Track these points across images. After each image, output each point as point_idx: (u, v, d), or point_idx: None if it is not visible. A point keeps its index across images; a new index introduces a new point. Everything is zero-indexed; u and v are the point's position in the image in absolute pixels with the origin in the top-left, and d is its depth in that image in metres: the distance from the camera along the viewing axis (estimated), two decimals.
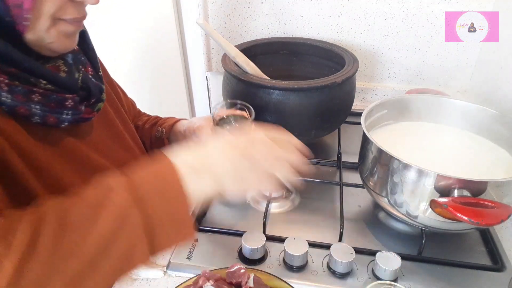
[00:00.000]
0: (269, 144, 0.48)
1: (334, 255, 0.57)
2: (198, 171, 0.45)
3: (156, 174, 0.43)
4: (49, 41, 0.47)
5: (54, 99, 0.48)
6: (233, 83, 0.80)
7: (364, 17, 1.02)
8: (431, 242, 0.62)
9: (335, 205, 0.72)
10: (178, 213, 0.43)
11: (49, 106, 0.48)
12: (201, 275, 0.52)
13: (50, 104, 0.48)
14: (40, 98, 0.47)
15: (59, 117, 0.49)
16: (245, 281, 0.50)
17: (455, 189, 0.53)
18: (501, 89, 0.91)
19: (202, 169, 0.45)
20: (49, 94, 0.48)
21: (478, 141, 0.70)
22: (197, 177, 0.44)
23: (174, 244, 0.44)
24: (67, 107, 0.50)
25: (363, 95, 1.13)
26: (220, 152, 0.47)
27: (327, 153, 0.91)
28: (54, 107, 0.49)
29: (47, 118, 0.48)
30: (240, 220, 0.70)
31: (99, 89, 0.58)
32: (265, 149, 0.47)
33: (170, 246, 0.44)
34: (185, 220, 0.43)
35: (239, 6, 1.07)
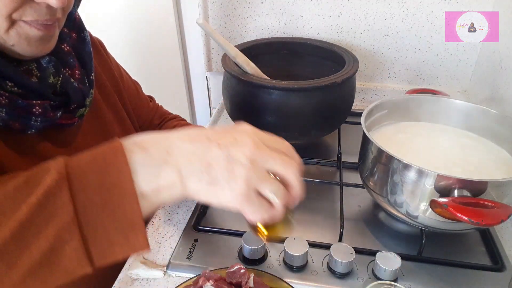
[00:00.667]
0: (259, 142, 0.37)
1: (334, 255, 0.57)
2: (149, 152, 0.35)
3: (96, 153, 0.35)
4: (11, 44, 0.44)
5: (20, 104, 0.45)
6: (233, 83, 0.80)
7: (364, 17, 1.03)
8: (431, 242, 0.62)
9: (335, 205, 0.72)
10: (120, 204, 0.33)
11: (15, 111, 0.45)
12: (201, 275, 0.52)
13: (16, 110, 0.45)
14: (6, 101, 0.44)
15: (26, 123, 0.46)
16: (245, 281, 0.50)
17: (455, 189, 0.53)
18: (501, 89, 0.91)
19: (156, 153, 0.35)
20: (15, 99, 0.44)
21: (478, 141, 0.70)
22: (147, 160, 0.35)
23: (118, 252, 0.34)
24: (35, 113, 0.46)
25: (363, 95, 1.13)
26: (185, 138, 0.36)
27: (327, 153, 0.91)
28: (21, 113, 0.45)
29: (11, 123, 0.45)
30: (240, 220, 0.70)
31: (82, 94, 0.54)
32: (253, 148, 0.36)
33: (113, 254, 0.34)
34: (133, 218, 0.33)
35: (239, 6, 1.07)
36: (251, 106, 0.77)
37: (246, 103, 0.78)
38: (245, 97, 0.78)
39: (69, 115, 0.52)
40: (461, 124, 0.73)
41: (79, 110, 0.54)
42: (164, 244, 0.64)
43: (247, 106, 0.78)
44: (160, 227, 0.68)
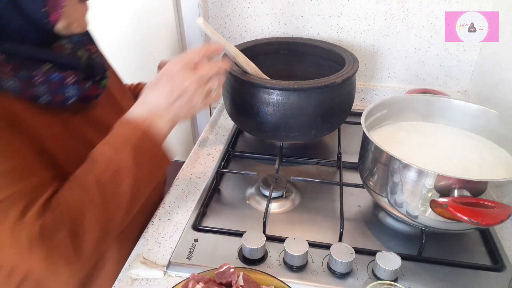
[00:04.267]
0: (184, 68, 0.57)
1: (334, 255, 0.57)
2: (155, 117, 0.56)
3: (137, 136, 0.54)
4: (75, 25, 0.53)
5: (55, 77, 0.52)
6: (233, 83, 0.80)
7: (364, 17, 1.03)
8: (431, 242, 0.62)
9: (335, 205, 0.72)
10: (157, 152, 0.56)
11: (52, 86, 0.51)
12: (190, 279, 0.51)
13: (53, 84, 0.51)
14: (42, 79, 0.51)
15: (64, 95, 0.53)
16: (235, 280, 0.50)
17: (455, 189, 0.53)
18: (501, 89, 0.91)
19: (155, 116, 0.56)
20: (50, 74, 0.51)
21: (478, 141, 0.70)
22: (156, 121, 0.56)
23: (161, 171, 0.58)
24: (69, 84, 0.53)
25: (363, 95, 1.13)
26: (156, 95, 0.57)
27: (327, 153, 0.91)
28: (57, 86, 0.52)
29: (53, 98, 0.52)
30: (240, 220, 0.70)
31: (102, 67, 0.62)
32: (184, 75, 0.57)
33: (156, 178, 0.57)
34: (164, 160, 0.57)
35: (239, 6, 1.07)
36: (251, 106, 0.77)
37: (246, 103, 0.78)
38: (245, 97, 0.78)
39: (95, 86, 0.59)
40: (461, 124, 0.73)
41: (102, 82, 0.61)
42: (164, 244, 0.64)
43: (247, 106, 0.78)
44: (160, 227, 0.68)
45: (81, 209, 0.49)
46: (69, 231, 0.47)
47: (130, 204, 0.54)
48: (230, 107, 0.85)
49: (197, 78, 0.57)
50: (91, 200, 0.50)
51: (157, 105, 0.56)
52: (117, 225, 0.54)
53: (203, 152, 0.89)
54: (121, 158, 0.52)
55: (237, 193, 0.76)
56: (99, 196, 0.50)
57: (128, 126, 0.55)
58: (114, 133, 0.54)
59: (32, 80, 0.50)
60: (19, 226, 0.45)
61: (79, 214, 0.48)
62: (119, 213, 0.53)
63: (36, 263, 0.46)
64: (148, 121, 0.55)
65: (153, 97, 0.57)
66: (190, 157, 0.87)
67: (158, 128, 0.56)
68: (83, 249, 0.49)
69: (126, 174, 0.52)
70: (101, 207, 0.50)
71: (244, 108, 0.79)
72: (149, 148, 0.55)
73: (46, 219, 0.46)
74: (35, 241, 0.45)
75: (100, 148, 0.53)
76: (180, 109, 0.58)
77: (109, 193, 0.51)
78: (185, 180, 0.80)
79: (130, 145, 0.52)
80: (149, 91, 0.58)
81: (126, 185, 0.52)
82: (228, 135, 0.95)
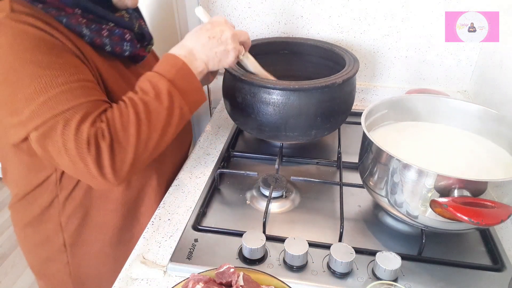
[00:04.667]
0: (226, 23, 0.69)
1: (334, 255, 0.57)
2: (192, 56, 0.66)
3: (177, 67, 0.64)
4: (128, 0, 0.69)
5: (117, 33, 0.67)
6: (233, 83, 0.80)
7: (364, 17, 1.03)
8: (431, 242, 0.62)
9: (335, 205, 0.72)
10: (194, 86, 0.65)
11: (114, 39, 0.67)
12: (190, 279, 0.51)
13: (115, 38, 0.67)
14: (107, 33, 0.66)
15: (122, 47, 0.68)
16: (235, 280, 0.50)
17: (455, 189, 0.53)
18: (501, 89, 0.91)
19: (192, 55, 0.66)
20: (113, 30, 0.67)
21: (478, 141, 0.70)
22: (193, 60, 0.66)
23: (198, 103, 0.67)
24: (127, 39, 0.69)
25: (363, 95, 1.13)
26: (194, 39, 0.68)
27: (327, 153, 0.91)
28: (118, 40, 0.67)
29: (114, 48, 0.67)
30: (240, 220, 0.70)
31: (149, 36, 0.78)
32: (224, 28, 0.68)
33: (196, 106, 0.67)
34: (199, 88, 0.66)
35: (239, 6, 1.07)
36: (251, 106, 0.77)
37: (247, 103, 0.78)
38: (246, 97, 0.78)
39: (143, 49, 0.75)
40: (461, 124, 0.73)
41: (148, 47, 0.77)
42: (164, 244, 0.64)
43: (247, 106, 0.78)
44: (160, 227, 0.68)
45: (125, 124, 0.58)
46: (110, 144, 0.57)
47: (164, 129, 0.62)
48: (230, 107, 0.85)
49: (234, 34, 0.68)
50: (134, 118, 0.59)
51: (195, 47, 0.66)
52: (151, 147, 0.61)
53: (203, 152, 0.89)
54: (161, 86, 0.61)
55: (237, 193, 0.76)
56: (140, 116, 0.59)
57: (170, 60, 0.65)
58: (157, 66, 0.64)
59: (101, 32, 0.64)
60: (77, 132, 0.55)
61: (121, 129, 0.58)
62: (155, 134, 0.61)
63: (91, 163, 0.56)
64: (186, 59, 0.65)
65: (193, 40, 0.67)
66: (190, 157, 0.87)
67: (194, 65, 0.65)
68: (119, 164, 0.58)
69: (164, 99, 0.61)
70: (141, 126, 0.59)
71: (244, 108, 0.79)
72: (185, 80, 0.64)
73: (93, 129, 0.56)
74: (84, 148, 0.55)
75: (144, 78, 0.63)
76: (214, 56, 0.67)
77: (148, 114, 0.60)
78: (185, 180, 0.80)
79: (169, 76, 0.62)
80: (190, 35, 0.68)
81: (163, 109, 0.61)
82: (228, 135, 0.95)
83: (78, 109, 0.56)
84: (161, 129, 0.61)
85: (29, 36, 0.56)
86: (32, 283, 1.70)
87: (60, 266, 0.78)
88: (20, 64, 0.55)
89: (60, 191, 0.71)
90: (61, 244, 0.76)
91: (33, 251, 0.80)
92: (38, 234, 0.76)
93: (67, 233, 0.75)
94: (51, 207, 0.72)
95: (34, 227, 0.76)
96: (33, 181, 0.70)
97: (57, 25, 0.59)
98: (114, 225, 0.76)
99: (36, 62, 0.55)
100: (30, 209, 0.74)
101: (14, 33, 0.55)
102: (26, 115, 0.55)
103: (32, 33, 0.56)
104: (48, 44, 0.57)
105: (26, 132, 0.57)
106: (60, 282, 0.81)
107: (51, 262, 0.79)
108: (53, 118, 0.55)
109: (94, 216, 0.74)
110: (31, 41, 0.56)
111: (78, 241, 0.76)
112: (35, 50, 0.55)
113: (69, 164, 0.57)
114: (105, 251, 0.78)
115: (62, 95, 0.56)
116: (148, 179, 0.76)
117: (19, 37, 0.55)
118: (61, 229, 0.74)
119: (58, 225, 0.74)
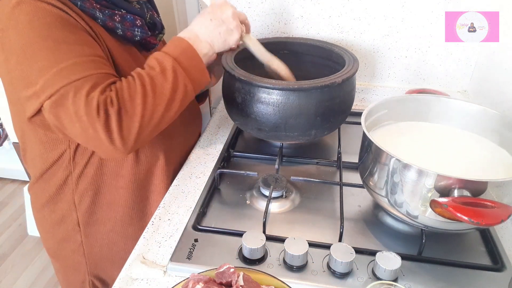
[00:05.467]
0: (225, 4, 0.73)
1: (334, 255, 0.57)
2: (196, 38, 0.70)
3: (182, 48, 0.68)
4: None
5: (129, 19, 0.71)
6: (232, 83, 0.80)
7: (364, 17, 1.03)
8: (431, 242, 0.62)
9: (335, 205, 0.72)
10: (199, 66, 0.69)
11: (126, 25, 0.71)
12: (190, 279, 0.51)
13: (126, 23, 0.71)
14: (120, 19, 0.70)
15: (133, 32, 0.72)
16: (235, 280, 0.50)
17: (455, 189, 0.53)
18: (501, 89, 0.91)
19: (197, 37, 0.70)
20: (125, 15, 0.71)
21: (478, 141, 0.70)
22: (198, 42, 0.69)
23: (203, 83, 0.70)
24: (138, 25, 0.73)
25: (363, 95, 1.13)
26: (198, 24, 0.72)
27: (327, 153, 0.91)
28: (130, 25, 0.72)
29: (125, 32, 0.71)
30: (240, 220, 0.70)
31: (161, 25, 0.82)
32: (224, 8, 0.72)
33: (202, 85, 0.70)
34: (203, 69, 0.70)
35: (239, 6, 1.07)
36: (251, 106, 0.77)
37: (246, 103, 0.78)
38: (245, 97, 0.78)
39: (154, 37, 0.79)
40: (461, 124, 0.73)
41: (159, 35, 0.82)
42: (164, 244, 0.64)
43: (247, 106, 0.78)
44: (160, 227, 0.68)
45: (132, 94, 0.61)
46: (117, 111, 0.59)
47: (169, 103, 0.64)
48: (230, 107, 0.85)
49: (234, 12, 0.73)
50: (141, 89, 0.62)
51: (199, 30, 0.71)
52: (156, 120, 0.64)
53: (203, 152, 0.89)
54: (166, 64, 0.64)
55: (237, 193, 0.76)
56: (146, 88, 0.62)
57: (176, 41, 0.69)
58: (165, 47, 0.68)
59: (114, 17, 0.69)
60: (87, 99, 0.58)
61: (128, 98, 0.61)
62: (160, 107, 0.63)
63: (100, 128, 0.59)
64: (192, 40, 0.68)
65: (197, 23, 0.72)
66: (190, 157, 0.87)
67: (199, 47, 0.69)
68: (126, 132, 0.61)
69: (169, 75, 0.64)
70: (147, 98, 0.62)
71: (244, 108, 0.79)
72: (190, 59, 0.67)
73: (102, 97, 0.59)
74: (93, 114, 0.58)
75: (152, 56, 0.66)
76: (218, 36, 0.72)
77: (154, 87, 0.63)
78: (185, 180, 0.80)
79: (174, 55, 0.66)
80: (196, 19, 0.72)
81: (168, 83, 0.63)
82: (228, 135, 0.95)
83: (88, 79, 0.59)
84: (166, 102, 0.64)
85: (47, 13, 0.59)
86: (32, 283, 1.70)
87: (74, 246, 0.81)
88: (37, 40, 0.59)
89: (73, 168, 0.74)
90: (75, 224, 0.79)
91: (50, 232, 0.83)
92: (54, 213, 0.79)
93: (80, 212, 0.78)
94: (65, 185, 0.76)
95: (50, 207, 0.79)
96: (49, 159, 0.73)
97: (72, 6, 0.63)
98: (125, 203, 0.78)
99: (52, 37, 0.59)
100: (47, 189, 0.77)
101: (33, 10, 0.59)
102: (40, 85, 0.58)
103: (49, 10, 0.60)
104: (64, 21, 0.61)
105: (40, 102, 0.60)
106: (75, 263, 0.84)
107: (66, 243, 0.82)
108: (65, 86, 0.58)
109: (105, 193, 0.77)
110: (48, 18, 0.59)
111: (91, 220, 0.79)
112: (51, 27, 0.59)
113: (80, 131, 0.60)
114: (117, 230, 0.81)
115: (74, 67, 0.59)
116: (157, 159, 0.79)
117: (38, 14, 0.59)
118: (75, 208, 0.78)
119: (72, 203, 0.77)
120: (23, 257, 1.81)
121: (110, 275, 0.85)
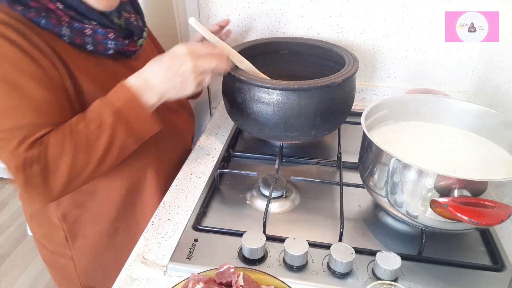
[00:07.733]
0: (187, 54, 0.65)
1: (334, 255, 0.57)
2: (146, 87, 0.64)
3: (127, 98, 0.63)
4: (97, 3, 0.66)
5: (100, 33, 0.67)
6: (232, 83, 0.80)
7: (364, 17, 1.03)
8: (431, 242, 0.62)
9: (335, 205, 0.72)
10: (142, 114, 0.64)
11: (97, 38, 0.67)
12: (190, 279, 0.51)
13: (98, 37, 0.67)
14: (91, 32, 0.66)
15: (105, 46, 0.68)
16: (235, 280, 0.50)
17: (455, 189, 0.53)
18: (501, 89, 0.91)
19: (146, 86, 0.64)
20: (96, 29, 0.66)
21: (478, 141, 0.70)
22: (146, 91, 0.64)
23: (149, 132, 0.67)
24: (110, 38, 0.68)
25: (363, 95, 1.13)
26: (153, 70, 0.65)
27: (327, 153, 0.91)
28: (101, 39, 0.67)
29: (97, 46, 0.67)
30: (240, 220, 0.70)
31: (140, 29, 0.77)
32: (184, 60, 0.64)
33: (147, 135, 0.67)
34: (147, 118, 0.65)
35: (239, 6, 1.07)
36: (251, 106, 0.77)
37: (246, 103, 0.78)
38: (245, 97, 0.78)
39: (133, 44, 0.75)
40: (461, 124, 0.73)
41: (139, 41, 0.77)
42: (164, 244, 0.64)
43: (247, 106, 0.78)
44: (160, 227, 0.68)
45: (59, 152, 0.59)
46: (42, 169, 0.59)
47: (103, 159, 0.63)
48: (230, 107, 0.85)
49: (194, 66, 0.65)
50: (71, 146, 0.60)
51: (151, 79, 0.65)
52: (86, 175, 0.63)
53: (203, 152, 0.89)
54: (105, 116, 0.61)
55: (237, 193, 0.76)
56: (78, 145, 0.60)
57: (121, 90, 0.64)
58: (110, 93, 0.64)
59: (84, 31, 0.65)
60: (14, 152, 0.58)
61: (55, 157, 0.59)
62: (91, 164, 0.62)
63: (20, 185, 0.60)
64: (140, 90, 0.64)
65: (151, 70, 0.65)
66: (190, 157, 0.87)
67: (146, 98, 0.64)
68: (51, 186, 0.61)
69: (106, 130, 0.61)
70: (76, 155, 0.60)
71: (244, 108, 0.79)
72: (133, 111, 0.63)
73: (29, 153, 0.58)
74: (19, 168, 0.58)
75: (95, 103, 0.63)
76: (171, 88, 0.65)
77: (87, 144, 0.61)
78: (185, 180, 0.80)
79: (116, 106, 0.62)
80: (150, 65, 0.66)
81: (103, 139, 0.61)
82: (228, 135, 0.95)
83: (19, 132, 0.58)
84: (98, 158, 0.62)
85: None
86: (32, 283, 1.70)
87: (65, 260, 0.82)
88: None
89: None
90: (63, 238, 0.79)
91: (42, 243, 0.84)
92: (43, 227, 0.80)
93: (66, 227, 0.78)
94: None
95: (38, 219, 0.80)
96: None
97: (32, 27, 0.61)
98: (109, 216, 0.78)
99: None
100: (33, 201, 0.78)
101: None
102: None
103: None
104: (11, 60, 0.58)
105: None
106: (68, 274, 0.84)
107: (58, 256, 0.82)
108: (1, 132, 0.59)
109: (90, 208, 0.77)
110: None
111: (78, 235, 0.79)
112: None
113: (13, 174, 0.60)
114: (103, 243, 0.80)
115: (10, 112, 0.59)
116: (144, 172, 0.78)
117: None
118: (60, 224, 0.77)
119: (57, 219, 0.77)
120: (23, 257, 1.81)
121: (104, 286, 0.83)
